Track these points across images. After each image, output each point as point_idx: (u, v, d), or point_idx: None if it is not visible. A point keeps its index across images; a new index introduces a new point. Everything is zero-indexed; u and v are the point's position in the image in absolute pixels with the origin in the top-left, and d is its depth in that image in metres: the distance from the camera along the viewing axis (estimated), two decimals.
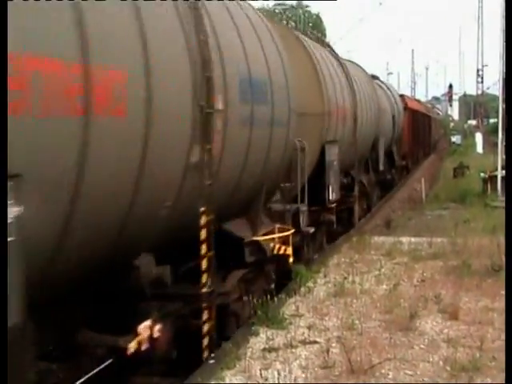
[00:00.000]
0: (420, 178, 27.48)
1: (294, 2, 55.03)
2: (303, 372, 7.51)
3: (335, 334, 8.79)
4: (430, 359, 7.85)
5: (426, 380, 7.29)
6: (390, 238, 15.70)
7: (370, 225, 18.55)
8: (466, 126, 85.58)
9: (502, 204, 18.03)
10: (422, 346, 8.36)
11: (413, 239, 15.55)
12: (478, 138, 50.59)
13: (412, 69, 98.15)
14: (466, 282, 11.16)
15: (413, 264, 12.89)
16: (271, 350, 8.19)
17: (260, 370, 7.48)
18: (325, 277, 11.95)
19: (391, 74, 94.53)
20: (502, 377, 6.84)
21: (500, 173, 22.89)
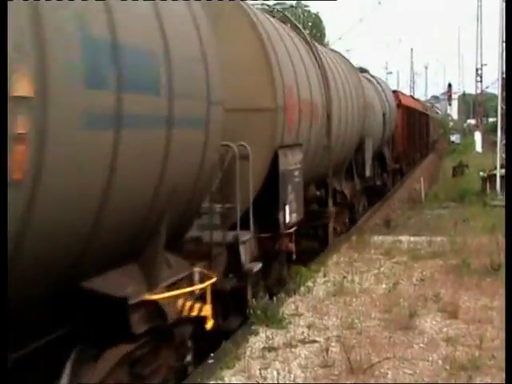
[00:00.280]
0: (418, 178, 27.38)
1: (294, 2, 55.02)
2: (303, 371, 7.52)
3: (335, 333, 8.80)
4: (430, 358, 7.85)
5: (426, 379, 7.29)
6: (390, 237, 15.71)
7: (370, 224, 18.56)
8: (465, 125, 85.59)
9: (501, 203, 18.04)
10: (421, 344, 8.37)
11: (412, 238, 15.55)
12: (477, 137, 50.57)
13: (411, 68, 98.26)
14: (466, 281, 11.17)
15: (412, 263, 12.90)
16: (271, 349, 8.19)
17: (259, 370, 7.48)
18: (324, 276, 11.95)
19: (391, 73, 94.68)
20: (501, 376, 6.85)
21: (499, 172, 22.91)
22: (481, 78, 52.48)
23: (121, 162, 4.98)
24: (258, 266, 9.18)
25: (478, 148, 47.96)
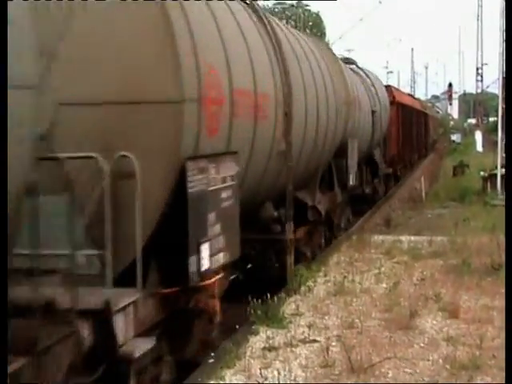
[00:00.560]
0: (419, 178, 27.34)
1: (294, 1, 55.10)
2: (303, 371, 7.51)
3: (335, 332, 8.79)
4: (430, 358, 7.85)
5: (426, 379, 7.29)
6: (390, 237, 15.69)
7: (370, 224, 18.55)
8: (465, 124, 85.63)
9: (501, 202, 18.03)
10: (421, 344, 8.36)
11: (413, 238, 15.54)
12: (478, 136, 50.59)
13: (412, 68, 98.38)
14: (466, 281, 11.16)
15: (413, 263, 12.89)
16: (271, 349, 8.18)
17: (260, 369, 7.47)
18: (325, 276, 11.94)
19: (391, 72, 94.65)
20: (501, 375, 6.83)
21: (500, 171, 22.89)
22: (481, 77, 52.55)
23: None
24: (145, 346, 5.94)
25: (479, 147, 47.98)
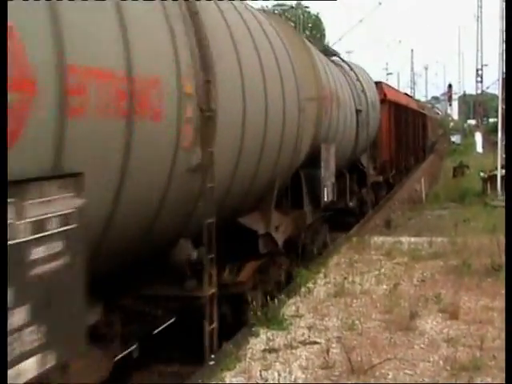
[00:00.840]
0: (419, 179, 27.30)
1: (294, 3, 55.05)
2: (303, 372, 7.51)
3: (335, 334, 8.79)
4: (430, 359, 7.85)
5: (427, 380, 7.28)
6: (390, 238, 15.69)
7: (370, 225, 18.55)
8: (465, 125, 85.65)
9: (501, 203, 18.02)
10: (422, 345, 8.36)
11: (413, 239, 15.54)
12: (478, 137, 50.62)
13: (411, 69, 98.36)
14: (466, 282, 11.16)
15: (413, 264, 12.88)
16: (271, 350, 8.18)
17: (260, 371, 7.47)
18: (325, 277, 11.94)
19: (391, 74, 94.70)
20: (502, 376, 6.83)
21: (500, 172, 22.89)
22: (481, 78, 52.53)
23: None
24: None
25: (479, 148, 48.01)
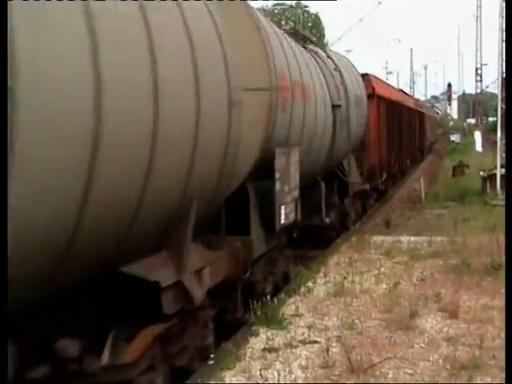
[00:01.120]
0: (418, 178, 27.27)
1: (293, 2, 54.98)
2: (303, 372, 7.50)
3: (335, 333, 8.79)
4: (430, 358, 7.84)
5: (426, 379, 7.28)
6: (390, 238, 15.69)
7: (370, 224, 18.55)
8: (465, 124, 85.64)
9: (501, 202, 18.03)
10: (421, 344, 8.36)
11: (412, 238, 15.54)
12: (477, 136, 50.62)
13: (411, 68, 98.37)
14: (466, 281, 11.15)
15: (412, 263, 12.88)
16: (271, 350, 8.18)
17: (260, 370, 7.47)
18: (324, 276, 11.94)
19: (390, 73, 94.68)
20: (502, 375, 6.83)
21: (499, 171, 22.89)
22: (480, 77, 52.59)
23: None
24: None
25: (478, 147, 47.99)
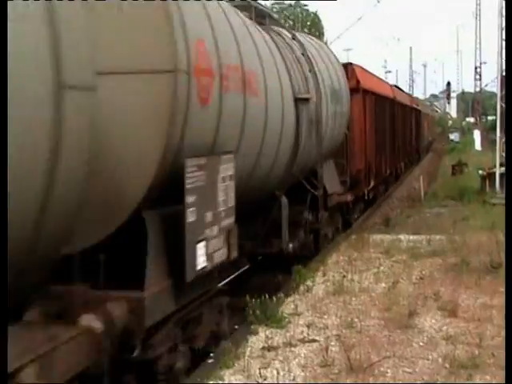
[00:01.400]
0: (417, 177, 27.27)
1: (292, 1, 55.02)
2: (302, 371, 7.51)
3: (334, 332, 8.79)
4: (429, 357, 7.85)
5: (425, 378, 7.28)
6: (389, 236, 15.69)
7: (369, 223, 18.55)
8: (464, 123, 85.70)
9: (500, 201, 18.04)
10: (421, 343, 8.36)
11: (411, 237, 15.53)
12: (477, 135, 50.68)
13: (410, 66, 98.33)
14: (465, 280, 11.15)
15: (411, 262, 12.88)
16: (270, 348, 8.18)
17: (259, 369, 7.46)
18: (324, 275, 11.93)
19: (390, 71, 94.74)
20: (501, 374, 6.84)
21: (498, 170, 22.90)
22: (480, 76, 52.58)
23: None
24: None
25: (477, 146, 48.04)
